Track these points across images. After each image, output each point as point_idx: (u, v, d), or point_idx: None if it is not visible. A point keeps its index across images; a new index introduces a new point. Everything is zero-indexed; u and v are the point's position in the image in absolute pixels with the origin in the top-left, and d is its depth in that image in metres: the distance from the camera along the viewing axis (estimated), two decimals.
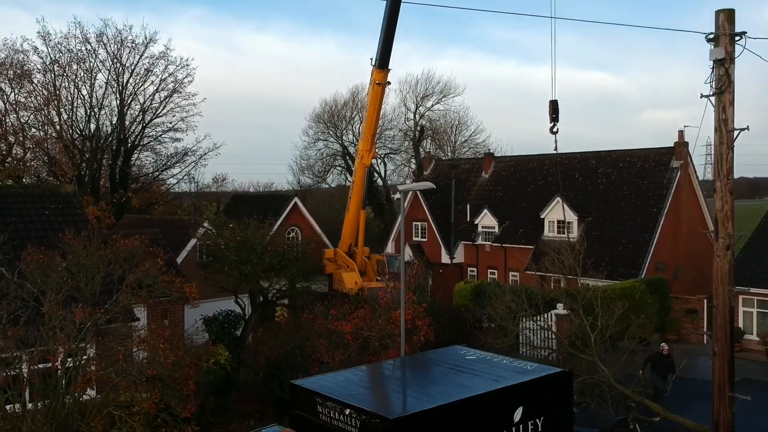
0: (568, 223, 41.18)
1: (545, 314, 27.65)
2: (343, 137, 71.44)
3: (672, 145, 40.21)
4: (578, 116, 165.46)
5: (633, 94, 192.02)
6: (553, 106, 30.62)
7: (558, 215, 41.40)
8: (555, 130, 31.01)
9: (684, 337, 34.55)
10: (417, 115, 70.66)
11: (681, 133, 39.65)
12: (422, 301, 20.91)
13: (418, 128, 70.04)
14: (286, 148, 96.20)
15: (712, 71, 10.00)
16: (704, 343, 33.77)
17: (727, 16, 9.99)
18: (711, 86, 10.11)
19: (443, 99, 70.79)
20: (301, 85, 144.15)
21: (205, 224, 32.37)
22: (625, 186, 41.36)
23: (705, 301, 34.33)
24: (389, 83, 39.84)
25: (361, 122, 65.98)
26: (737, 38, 10.01)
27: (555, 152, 31.96)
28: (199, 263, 30.87)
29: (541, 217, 42.56)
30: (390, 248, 51.53)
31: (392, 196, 74.48)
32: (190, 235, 32.18)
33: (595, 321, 22.15)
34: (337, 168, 73.79)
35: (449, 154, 71.43)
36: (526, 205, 45.50)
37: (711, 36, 10.03)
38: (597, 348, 21.64)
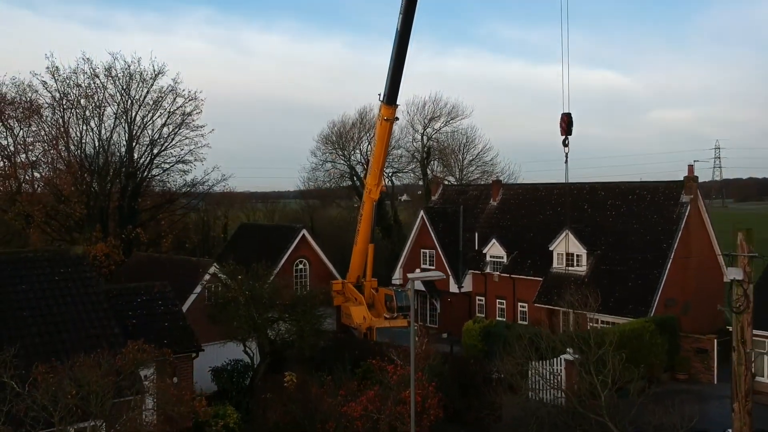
0: (577, 256, 41.03)
1: (554, 359, 27.58)
2: (351, 158, 71.53)
3: (681, 176, 40.01)
4: (584, 116, 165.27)
5: (640, 93, 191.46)
6: (567, 119, 29.52)
7: (567, 248, 41.21)
8: (566, 143, 30.16)
9: (694, 376, 34.35)
10: (424, 137, 70.63)
11: (691, 167, 39.46)
12: (432, 377, 20.76)
13: (426, 150, 69.94)
14: (290, 147, 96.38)
15: (731, 287, 9.86)
16: (714, 384, 33.57)
17: (745, 236, 9.80)
18: (731, 303, 9.94)
19: (451, 121, 70.82)
20: (306, 84, 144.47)
21: (213, 268, 32.37)
22: (634, 219, 41.10)
23: (715, 340, 34.16)
24: (397, 119, 39.89)
25: (369, 142, 66.14)
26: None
27: (565, 168, 31.33)
28: (207, 308, 30.83)
29: (550, 249, 42.39)
30: (398, 275, 51.50)
31: (399, 198, 74.33)
32: (198, 278, 32.19)
33: (606, 378, 22.05)
34: (344, 188, 73.95)
35: (457, 173, 71.39)
36: (534, 236, 45.28)
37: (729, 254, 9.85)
38: (606, 406, 21.57)
